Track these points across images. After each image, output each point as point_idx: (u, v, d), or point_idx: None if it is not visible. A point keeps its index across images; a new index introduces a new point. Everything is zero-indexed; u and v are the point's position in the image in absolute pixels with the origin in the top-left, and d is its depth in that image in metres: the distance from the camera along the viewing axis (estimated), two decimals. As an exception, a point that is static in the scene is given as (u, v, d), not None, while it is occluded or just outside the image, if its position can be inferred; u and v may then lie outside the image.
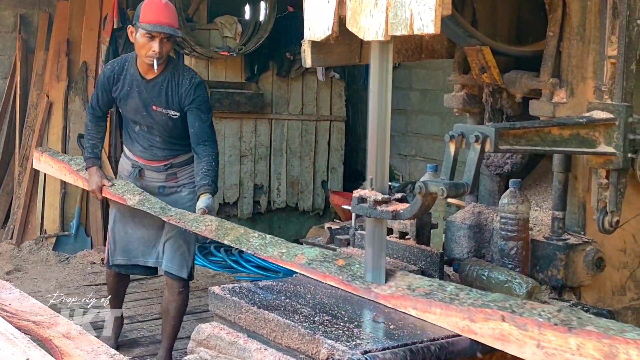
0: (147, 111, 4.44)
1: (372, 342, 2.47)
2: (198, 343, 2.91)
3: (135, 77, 4.44)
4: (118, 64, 4.57)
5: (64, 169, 4.96)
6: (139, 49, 4.33)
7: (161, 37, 4.26)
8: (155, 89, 4.41)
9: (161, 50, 4.28)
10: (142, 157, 4.59)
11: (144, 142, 4.57)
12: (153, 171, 4.60)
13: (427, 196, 2.58)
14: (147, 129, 4.53)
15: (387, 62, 2.73)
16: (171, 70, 4.43)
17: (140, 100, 4.45)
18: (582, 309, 2.83)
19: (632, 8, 2.79)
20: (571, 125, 2.72)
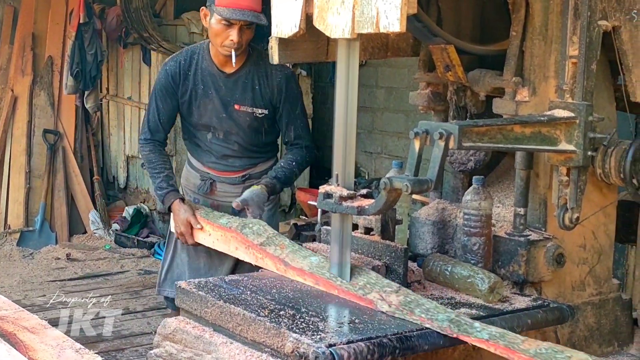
0: (228, 112, 3.80)
1: (336, 336, 2.50)
2: (164, 337, 2.92)
3: (211, 71, 3.79)
4: (184, 58, 3.83)
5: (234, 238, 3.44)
6: (213, 36, 3.69)
7: (241, 24, 3.62)
8: (238, 85, 3.80)
9: (240, 40, 3.64)
10: (214, 169, 3.95)
11: (218, 151, 3.91)
12: (228, 184, 3.95)
13: (392, 192, 2.62)
14: (223, 136, 3.87)
15: (354, 59, 2.77)
16: (255, 60, 3.80)
17: (219, 99, 3.80)
18: (542, 303, 2.90)
19: (593, 9, 2.84)
20: (533, 123, 2.77)
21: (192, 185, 4.02)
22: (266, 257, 3.11)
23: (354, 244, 3.01)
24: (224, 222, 3.48)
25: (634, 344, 3.32)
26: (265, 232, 3.21)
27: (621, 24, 3.01)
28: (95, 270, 6.71)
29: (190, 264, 3.97)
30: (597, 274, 3.24)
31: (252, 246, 3.21)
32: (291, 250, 3.05)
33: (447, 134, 2.56)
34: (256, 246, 3.18)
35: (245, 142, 3.89)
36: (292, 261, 2.98)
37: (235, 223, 3.37)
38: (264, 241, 3.16)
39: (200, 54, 3.82)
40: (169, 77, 3.82)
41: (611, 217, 3.25)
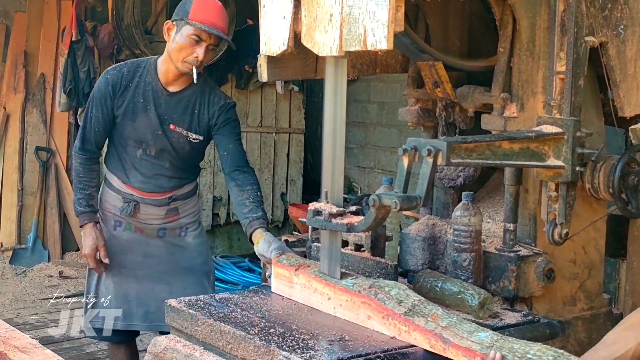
0: (163, 130, 3.71)
1: (326, 354, 2.50)
2: (154, 356, 2.91)
3: (154, 87, 3.71)
4: (128, 69, 3.74)
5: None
6: (177, 51, 3.61)
7: (210, 42, 3.59)
8: (179, 105, 3.72)
9: (204, 59, 3.60)
10: (140, 189, 3.81)
11: (147, 170, 3.78)
12: (152, 205, 3.84)
13: (381, 209, 2.62)
14: (155, 153, 3.76)
15: (342, 77, 2.78)
16: (201, 86, 3.74)
17: (156, 116, 3.71)
18: (532, 319, 2.90)
19: (580, 25, 2.86)
20: (521, 139, 2.78)
21: (111, 207, 3.88)
22: (415, 331, 2.52)
23: (344, 261, 3.02)
24: (349, 285, 2.77)
25: (626, 358, 3.32)
26: (409, 299, 2.60)
27: (608, 40, 3.03)
28: (88, 288, 6.69)
29: (116, 290, 3.88)
30: (588, 288, 3.24)
31: (393, 316, 2.59)
32: (448, 322, 2.47)
33: (436, 151, 2.57)
34: (399, 316, 2.57)
35: (178, 161, 3.81)
36: (453, 337, 2.42)
37: (365, 285, 2.73)
38: (408, 310, 2.57)
39: (145, 68, 3.75)
40: (109, 85, 3.72)
41: (601, 231, 3.25)
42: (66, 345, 5.18)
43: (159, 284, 3.86)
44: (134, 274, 3.86)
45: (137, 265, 3.87)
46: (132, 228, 3.85)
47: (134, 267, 3.87)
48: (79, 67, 7.02)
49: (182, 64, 3.62)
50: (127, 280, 3.87)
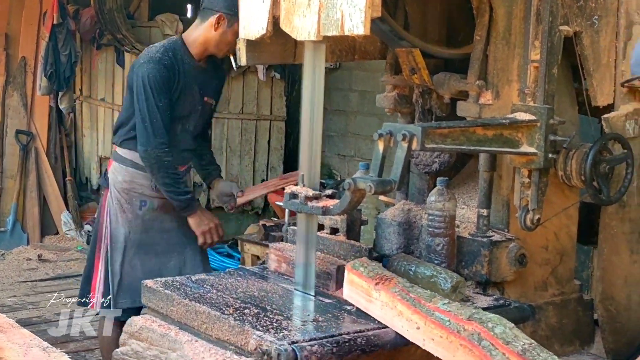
0: (200, 103, 3.96)
1: (300, 334, 2.54)
2: (130, 335, 2.94)
3: (192, 65, 3.90)
4: (171, 52, 3.85)
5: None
6: (224, 44, 3.84)
7: None
8: (207, 77, 3.98)
9: None
10: None
11: (180, 143, 3.98)
12: None
13: (356, 192, 2.66)
14: (192, 128, 4.00)
15: (320, 62, 2.81)
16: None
17: (198, 92, 3.94)
18: (504, 303, 2.95)
19: (555, 15, 2.90)
20: (495, 125, 2.82)
21: (138, 186, 4.00)
22: None
23: (319, 244, 3.05)
24: (443, 318, 2.43)
25: (595, 343, 3.38)
26: (518, 340, 2.25)
27: (582, 30, 3.07)
28: (67, 271, 6.70)
29: (142, 268, 4.00)
30: (559, 274, 3.29)
31: (509, 353, 2.23)
32: None
33: (410, 136, 2.61)
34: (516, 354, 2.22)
35: (200, 132, 4.09)
36: None
37: (462, 315, 2.40)
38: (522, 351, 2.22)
39: (180, 49, 3.88)
40: (167, 70, 3.79)
41: (573, 218, 3.30)
42: (44, 327, 5.18)
43: (173, 256, 4.05)
44: (154, 250, 4.03)
45: (157, 242, 4.04)
46: (154, 206, 4.00)
47: (154, 244, 4.03)
48: (60, 51, 7.01)
49: (224, 53, 3.92)
50: (149, 258, 4.03)
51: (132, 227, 4.00)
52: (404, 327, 2.54)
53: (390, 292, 2.61)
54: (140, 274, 3.92)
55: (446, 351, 2.38)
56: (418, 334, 2.49)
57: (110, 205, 4.02)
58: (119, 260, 4.01)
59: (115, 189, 4.02)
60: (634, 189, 3.29)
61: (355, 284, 2.77)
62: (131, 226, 4.00)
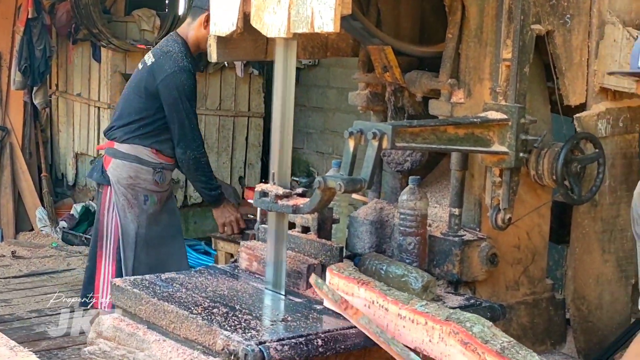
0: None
1: (268, 334, 2.52)
2: (98, 334, 2.91)
3: (193, 62, 4.21)
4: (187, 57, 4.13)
5: None
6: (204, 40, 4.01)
7: None
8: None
9: None
10: (168, 155, 4.22)
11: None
12: (170, 170, 4.30)
13: (326, 191, 2.64)
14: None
15: (291, 58, 2.79)
16: None
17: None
18: (475, 302, 2.94)
19: (526, 13, 2.89)
20: (466, 124, 2.81)
21: (142, 181, 4.17)
22: None
23: (290, 243, 3.03)
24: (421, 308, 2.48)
25: (567, 343, 3.38)
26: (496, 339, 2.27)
27: (555, 28, 3.07)
28: (41, 268, 6.63)
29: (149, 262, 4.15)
30: (531, 274, 3.29)
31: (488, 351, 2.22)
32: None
33: (381, 134, 2.59)
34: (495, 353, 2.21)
35: None
36: None
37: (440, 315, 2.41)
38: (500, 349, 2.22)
39: (183, 51, 4.11)
40: (193, 78, 4.11)
41: (545, 217, 3.30)
42: (16, 324, 5.14)
43: (166, 248, 4.24)
44: (155, 244, 4.20)
45: (158, 234, 4.21)
46: (155, 200, 4.17)
47: (156, 237, 4.20)
48: (35, 45, 6.95)
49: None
50: (152, 253, 4.19)
51: (140, 222, 4.17)
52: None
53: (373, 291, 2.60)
54: (146, 269, 4.02)
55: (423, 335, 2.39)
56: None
57: (117, 202, 4.15)
58: (131, 257, 4.16)
59: (121, 185, 4.16)
60: (605, 189, 3.30)
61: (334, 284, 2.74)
62: (139, 221, 4.17)
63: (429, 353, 2.34)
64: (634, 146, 3.39)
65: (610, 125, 3.25)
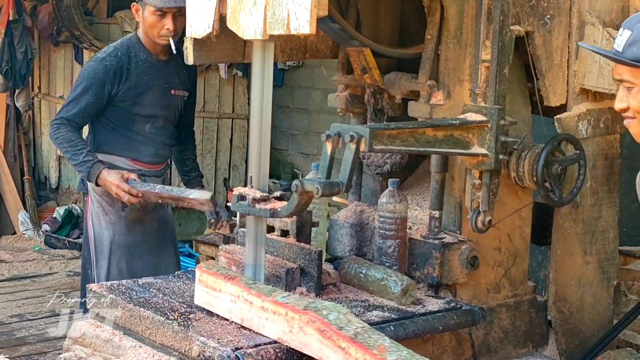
0: (167, 98, 3.95)
1: (244, 339, 2.48)
2: (74, 341, 2.88)
3: (151, 61, 3.91)
4: (121, 53, 3.88)
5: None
6: (149, 28, 3.83)
7: (174, 12, 3.77)
8: (172, 70, 3.97)
9: (176, 28, 3.78)
10: (149, 163, 4.00)
11: (154, 142, 4.00)
12: (155, 177, 4.03)
13: (303, 194, 2.61)
14: (162, 124, 4.00)
15: (269, 60, 2.75)
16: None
17: (160, 87, 3.93)
18: (455, 306, 2.92)
19: (505, 14, 2.86)
20: (445, 126, 2.78)
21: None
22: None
23: (269, 246, 2.99)
24: (282, 299, 2.50)
25: (549, 345, 3.36)
26: (351, 325, 2.31)
27: (534, 29, 3.05)
28: (23, 272, 6.59)
29: (128, 270, 3.96)
30: (512, 276, 3.26)
31: (342, 337, 2.26)
32: (397, 356, 2.17)
33: (358, 137, 2.56)
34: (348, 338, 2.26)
35: (173, 127, 4.06)
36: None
37: (299, 305, 2.44)
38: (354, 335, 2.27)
39: (134, 47, 3.91)
40: (109, 72, 3.82)
41: (526, 219, 3.28)
42: (-4, 329, 5.11)
43: (154, 257, 4.06)
44: (138, 251, 4.03)
45: (140, 243, 4.02)
46: (136, 207, 3.91)
47: (138, 245, 4.01)
48: (16, 48, 6.90)
49: (159, 39, 3.84)
50: (134, 260, 4.02)
51: (117, 229, 3.98)
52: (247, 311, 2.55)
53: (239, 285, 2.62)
54: (127, 276, 3.83)
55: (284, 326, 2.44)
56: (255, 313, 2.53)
57: (92, 209, 3.99)
58: (104, 265, 3.99)
59: (95, 192, 3.97)
60: (586, 190, 3.28)
61: (203, 281, 2.72)
62: (115, 228, 3.98)
63: (290, 343, 2.41)
64: (615, 147, 3.37)
65: (591, 126, 3.24)
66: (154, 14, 3.78)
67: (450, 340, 3.06)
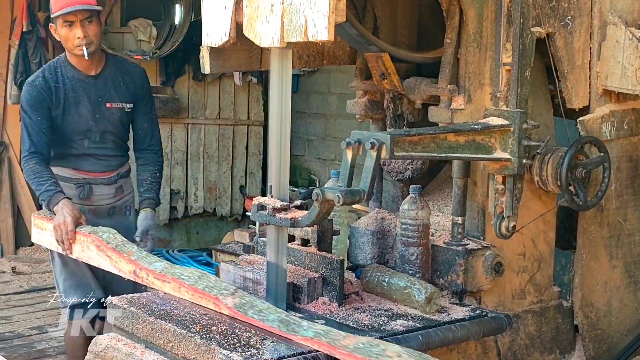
0: (101, 112, 3.96)
1: (267, 352, 2.45)
2: (95, 355, 2.84)
3: (78, 77, 3.94)
4: (49, 73, 3.95)
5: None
6: (65, 42, 3.90)
7: (79, 18, 3.82)
8: (107, 84, 3.99)
9: (87, 34, 3.82)
10: (92, 171, 4.02)
11: (96, 156, 4.02)
12: (104, 185, 4.05)
13: (324, 203, 2.57)
14: (99, 138, 4.01)
15: (287, 68, 2.72)
16: (113, 61, 4.08)
17: (89, 102, 3.95)
18: (480, 313, 2.87)
19: (526, 16, 2.82)
20: (467, 131, 2.74)
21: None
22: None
23: (290, 256, 2.96)
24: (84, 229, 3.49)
25: (575, 351, 3.30)
26: (115, 239, 3.30)
27: (555, 31, 3.00)
28: (42, 284, 6.57)
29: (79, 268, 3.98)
30: (538, 281, 3.22)
31: (108, 249, 3.28)
32: (138, 257, 3.12)
33: (379, 144, 2.53)
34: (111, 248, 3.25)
35: (119, 138, 4.08)
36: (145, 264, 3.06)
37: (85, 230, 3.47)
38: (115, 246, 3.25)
39: (62, 66, 3.98)
40: (39, 91, 3.88)
41: (551, 224, 3.23)
42: (16, 342, 5.08)
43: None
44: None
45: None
46: (85, 210, 3.89)
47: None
48: (30, 59, 6.88)
49: (76, 50, 3.87)
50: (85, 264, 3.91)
51: None
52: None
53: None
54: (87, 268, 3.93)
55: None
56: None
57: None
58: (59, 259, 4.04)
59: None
60: (611, 193, 3.23)
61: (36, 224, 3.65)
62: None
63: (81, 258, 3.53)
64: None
65: (614, 128, 3.19)
66: (64, 26, 3.85)
67: (476, 348, 3.01)
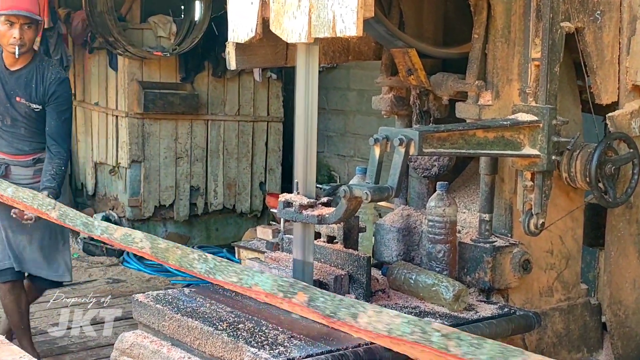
0: (11, 103, 4.48)
1: (296, 350, 2.43)
2: (121, 352, 2.84)
3: (1, 69, 4.51)
4: None
5: None
6: (1, 38, 4.39)
7: (20, 22, 4.32)
8: (20, 80, 4.47)
9: (22, 37, 4.33)
10: (7, 153, 4.55)
11: (9, 136, 4.55)
12: (21, 167, 4.56)
13: (352, 200, 2.55)
14: (10, 123, 4.53)
15: (313, 64, 2.70)
16: (37, 63, 4.50)
17: (5, 91, 4.49)
18: (508, 311, 2.84)
19: (555, 11, 2.79)
20: (495, 127, 2.71)
21: None
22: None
23: (316, 253, 2.94)
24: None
25: (603, 349, 3.27)
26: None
27: (585, 25, 2.97)
28: (63, 280, 6.58)
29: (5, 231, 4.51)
30: (565, 279, 3.19)
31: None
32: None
33: (407, 140, 2.51)
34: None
35: (31, 128, 4.51)
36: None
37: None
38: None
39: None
40: None
41: (579, 221, 3.20)
42: (39, 338, 5.08)
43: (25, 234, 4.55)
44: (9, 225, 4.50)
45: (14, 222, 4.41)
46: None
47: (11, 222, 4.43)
48: (51, 55, 6.88)
49: (8, 47, 4.39)
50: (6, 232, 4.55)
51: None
52: None
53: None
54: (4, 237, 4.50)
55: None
56: None
57: None
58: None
59: None
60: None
61: None
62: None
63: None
64: (669, 145, 3.28)
65: (644, 123, 3.15)
66: (5, 24, 4.33)
67: (503, 346, 2.98)
